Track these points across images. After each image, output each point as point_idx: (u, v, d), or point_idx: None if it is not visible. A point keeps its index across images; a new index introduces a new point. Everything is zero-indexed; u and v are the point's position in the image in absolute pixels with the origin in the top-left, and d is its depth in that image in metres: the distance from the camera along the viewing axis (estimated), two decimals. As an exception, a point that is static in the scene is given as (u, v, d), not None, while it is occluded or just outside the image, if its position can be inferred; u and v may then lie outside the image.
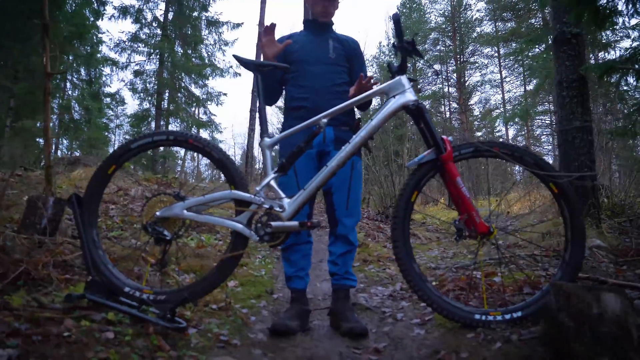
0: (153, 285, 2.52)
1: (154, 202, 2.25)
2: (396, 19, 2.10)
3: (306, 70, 2.62)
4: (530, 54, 24.60)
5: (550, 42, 15.14)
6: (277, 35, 2.59)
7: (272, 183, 2.21)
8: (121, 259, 3.11)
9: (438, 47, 32.24)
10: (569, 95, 4.60)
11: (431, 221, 7.41)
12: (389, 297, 2.89)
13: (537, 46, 13.66)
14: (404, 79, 2.18)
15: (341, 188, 2.50)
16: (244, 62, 2.35)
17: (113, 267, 2.25)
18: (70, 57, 15.98)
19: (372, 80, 2.48)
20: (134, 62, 17.29)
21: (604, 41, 10.59)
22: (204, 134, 19.33)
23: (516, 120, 19.70)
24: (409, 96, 2.16)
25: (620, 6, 3.96)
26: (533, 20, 25.09)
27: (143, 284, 2.29)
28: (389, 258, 4.13)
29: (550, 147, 28.44)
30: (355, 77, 2.65)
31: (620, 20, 4.31)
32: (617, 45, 10.87)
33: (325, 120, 2.21)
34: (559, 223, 4.16)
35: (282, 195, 2.20)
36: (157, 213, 2.19)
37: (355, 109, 2.71)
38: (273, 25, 2.50)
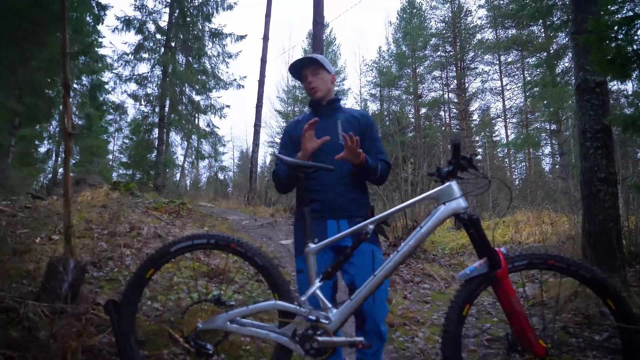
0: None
1: (195, 310, 2.16)
2: (456, 143, 2.04)
3: (317, 161, 2.47)
4: (530, 61, 24.72)
5: (550, 54, 15.18)
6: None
7: (318, 292, 2.14)
8: (147, 339, 3.04)
9: (438, 53, 32.19)
10: (593, 146, 4.54)
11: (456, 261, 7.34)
12: (426, 386, 2.82)
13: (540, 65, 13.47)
14: (454, 185, 2.11)
15: (364, 282, 2.38)
16: (287, 163, 2.28)
17: (152, 378, 2.18)
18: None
19: (355, 138, 2.32)
20: (137, 74, 17.19)
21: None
22: (206, 146, 19.29)
23: (526, 147, 19.61)
24: (461, 203, 2.09)
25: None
26: (534, 28, 25.13)
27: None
28: (414, 318, 4.06)
29: (549, 151, 28.50)
30: (369, 150, 2.57)
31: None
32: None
33: (371, 226, 2.14)
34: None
35: (329, 305, 2.14)
36: (199, 325, 2.12)
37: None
38: (315, 122, 2.42)
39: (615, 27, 3.88)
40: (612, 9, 4.81)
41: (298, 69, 2.67)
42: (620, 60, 3.76)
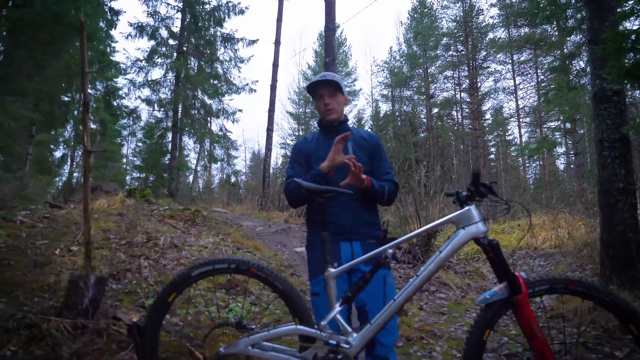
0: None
1: (217, 335, 2.19)
2: (476, 172, 2.04)
3: (328, 183, 2.46)
4: (544, 60, 24.45)
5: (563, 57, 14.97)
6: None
7: (338, 317, 2.15)
8: (168, 357, 3.08)
9: (450, 53, 32.02)
10: (611, 155, 4.49)
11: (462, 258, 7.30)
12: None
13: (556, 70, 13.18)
14: (473, 209, 2.11)
15: (375, 305, 2.33)
16: (307, 189, 2.29)
17: (175, 402, 2.21)
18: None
19: (354, 161, 2.33)
20: (151, 79, 17.36)
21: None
22: (219, 150, 19.42)
23: (540, 152, 19.29)
24: (480, 228, 2.09)
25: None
26: (547, 26, 24.83)
27: (205, 417, 2.24)
28: (431, 331, 4.05)
29: (563, 150, 28.12)
30: (375, 175, 2.58)
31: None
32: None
33: (391, 251, 2.15)
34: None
35: (349, 329, 2.15)
36: (221, 350, 2.15)
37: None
38: (348, 135, 2.42)
39: (633, 37, 3.85)
40: (627, 10, 4.76)
41: (314, 85, 2.67)
42: (638, 70, 3.72)
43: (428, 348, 3.71)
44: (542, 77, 25.34)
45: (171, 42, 17.65)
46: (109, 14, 14.27)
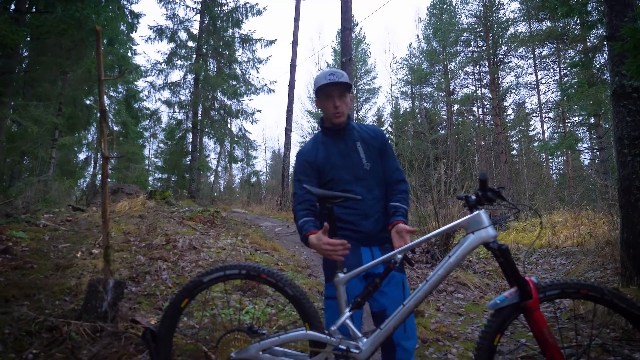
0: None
1: (228, 340, 2.22)
2: (483, 179, 2.03)
3: (346, 190, 2.45)
4: (567, 54, 24.00)
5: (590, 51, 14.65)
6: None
7: (348, 322, 2.16)
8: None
9: (470, 48, 31.65)
10: (631, 153, 4.39)
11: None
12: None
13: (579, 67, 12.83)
14: (483, 214, 2.09)
15: (396, 309, 2.27)
16: (315, 194, 2.30)
17: (188, 406, 2.25)
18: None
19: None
20: (171, 81, 17.60)
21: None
22: (238, 151, 19.58)
23: (563, 150, 18.92)
24: (490, 232, 2.08)
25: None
26: (570, 20, 24.29)
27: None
28: (447, 333, 4.03)
29: (587, 145, 27.51)
30: (387, 168, 2.58)
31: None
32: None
33: (400, 256, 2.15)
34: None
35: (359, 334, 2.16)
36: (232, 354, 2.17)
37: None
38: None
39: (652, 32, 3.75)
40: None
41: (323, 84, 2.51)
42: (657, 68, 3.64)
43: (444, 350, 3.68)
44: (565, 71, 24.85)
45: (190, 44, 17.90)
46: (129, 17, 14.52)
